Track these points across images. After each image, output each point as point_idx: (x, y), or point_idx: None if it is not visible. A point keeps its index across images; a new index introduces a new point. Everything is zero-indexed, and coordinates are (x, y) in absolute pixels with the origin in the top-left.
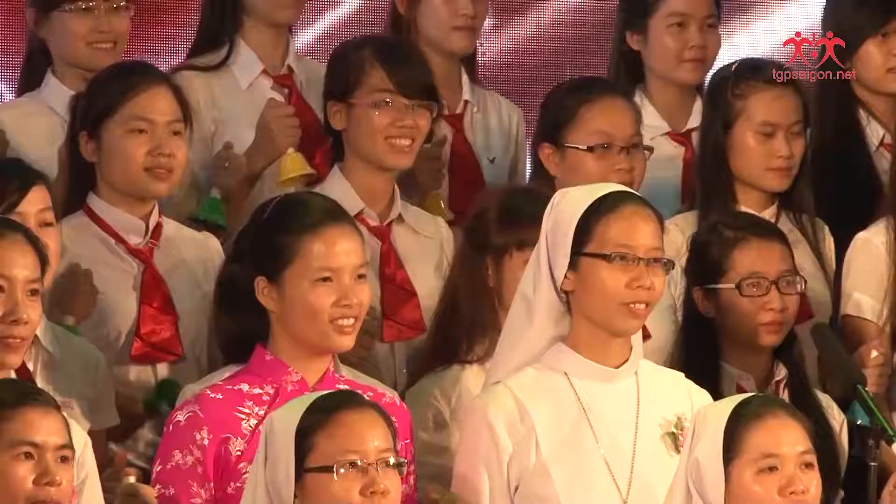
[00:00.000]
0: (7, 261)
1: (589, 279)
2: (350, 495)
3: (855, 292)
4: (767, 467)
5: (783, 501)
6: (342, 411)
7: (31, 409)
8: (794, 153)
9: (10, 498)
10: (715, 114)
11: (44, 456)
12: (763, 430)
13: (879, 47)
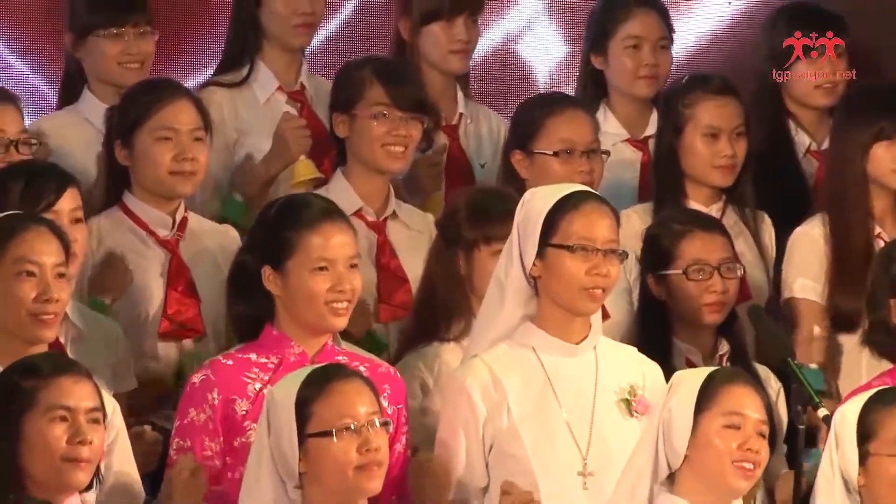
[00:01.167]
0: (37, 250)
1: (554, 267)
2: (348, 454)
3: (799, 278)
4: (732, 424)
5: (738, 455)
6: (334, 382)
7: (65, 377)
8: (736, 153)
9: (47, 456)
10: (667, 120)
11: (77, 418)
12: (733, 393)
13: (809, 65)
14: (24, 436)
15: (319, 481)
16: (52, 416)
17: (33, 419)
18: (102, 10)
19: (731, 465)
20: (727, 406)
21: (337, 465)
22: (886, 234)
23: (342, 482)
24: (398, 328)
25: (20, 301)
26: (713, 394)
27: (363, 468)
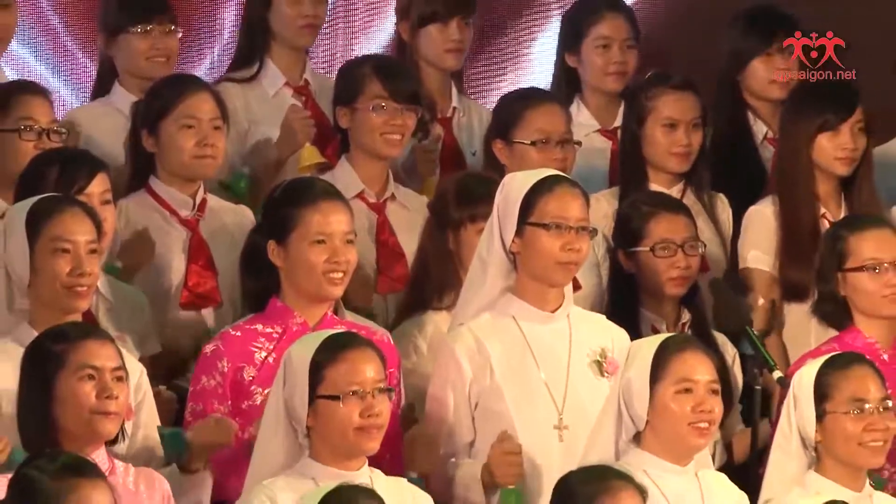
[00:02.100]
0: (71, 229)
1: (531, 243)
2: (352, 417)
3: (752, 250)
4: (684, 389)
5: (693, 417)
6: (346, 350)
7: (90, 340)
8: (692, 143)
9: (78, 410)
10: (632, 112)
11: (103, 376)
12: (683, 360)
13: (765, 64)
14: (57, 393)
15: (324, 437)
16: (81, 374)
17: (64, 378)
18: (132, 11)
19: (687, 426)
20: (678, 374)
21: (341, 425)
22: (830, 214)
23: (343, 440)
24: (396, 298)
25: (56, 275)
26: (665, 364)
27: (363, 430)
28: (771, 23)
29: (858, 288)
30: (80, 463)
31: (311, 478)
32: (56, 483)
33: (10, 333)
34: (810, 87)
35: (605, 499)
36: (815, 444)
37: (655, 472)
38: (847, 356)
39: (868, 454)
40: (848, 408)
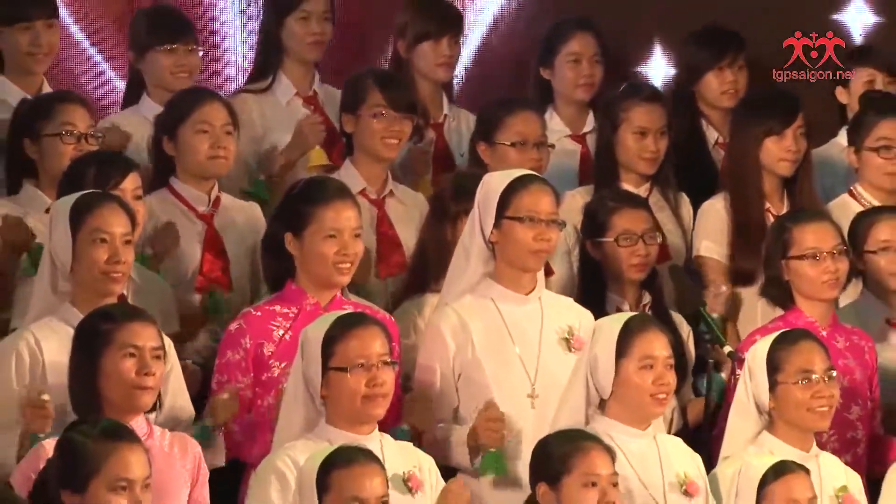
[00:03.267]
0: (109, 221)
1: (508, 234)
2: (359, 387)
3: (704, 240)
4: (646, 365)
5: (654, 389)
6: (355, 328)
7: (135, 322)
8: (659, 148)
9: (121, 384)
10: (606, 120)
11: (143, 355)
12: (645, 339)
13: (717, 77)
14: (102, 368)
15: (336, 404)
16: (124, 352)
17: (109, 355)
18: (159, 32)
19: (649, 397)
20: (641, 352)
21: (349, 394)
22: (774, 209)
23: (352, 408)
24: (394, 283)
25: (95, 262)
26: (628, 342)
27: (369, 398)
28: (722, 40)
29: (800, 274)
30: (118, 428)
31: (327, 440)
32: (97, 446)
33: (55, 313)
34: (757, 96)
35: (578, 457)
36: (768, 410)
37: (619, 436)
38: (795, 333)
39: (815, 418)
40: (797, 378)
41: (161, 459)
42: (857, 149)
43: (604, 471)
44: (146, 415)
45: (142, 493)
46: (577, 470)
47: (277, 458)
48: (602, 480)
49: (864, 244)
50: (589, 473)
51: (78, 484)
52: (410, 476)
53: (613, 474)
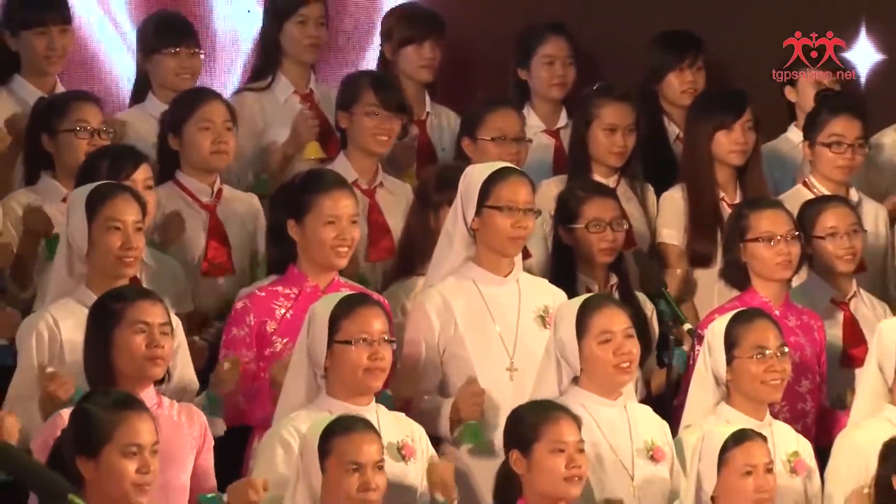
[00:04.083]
0: (122, 210)
1: (488, 222)
2: (361, 359)
3: (664, 228)
4: (605, 339)
5: (616, 360)
6: (359, 306)
7: (144, 301)
8: (627, 143)
9: (132, 357)
10: (581, 117)
11: (152, 330)
12: (600, 316)
13: (678, 77)
14: (115, 343)
15: (338, 376)
16: (134, 329)
17: (121, 331)
18: (164, 37)
19: (613, 368)
20: (598, 328)
21: (352, 365)
22: (728, 197)
23: (353, 378)
24: (382, 267)
25: (109, 248)
26: (586, 321)
27: (370, 371)
28: (683, 44)
29: (756, 256)
30: (128, 398)
31: (328, 411)
32: (108, 415)
33: (72, 294)
34: (709, 94)
35: (547, 426)
36: (725, 383)
37: (591, 406)
38: (751, 312)
39: (769, 391)
40: (752, 353)
41: (169, 427)
42: (811, 143)
43: (571, 438)
44: (156, 386)
45: (150, 458)
46: (546, 437)
47: (282, 428)
48: (569, 447)
49: (813, 230)
50: (557, 440)
51: (91, 450)
52: (404, 444)
53: (580, 441)
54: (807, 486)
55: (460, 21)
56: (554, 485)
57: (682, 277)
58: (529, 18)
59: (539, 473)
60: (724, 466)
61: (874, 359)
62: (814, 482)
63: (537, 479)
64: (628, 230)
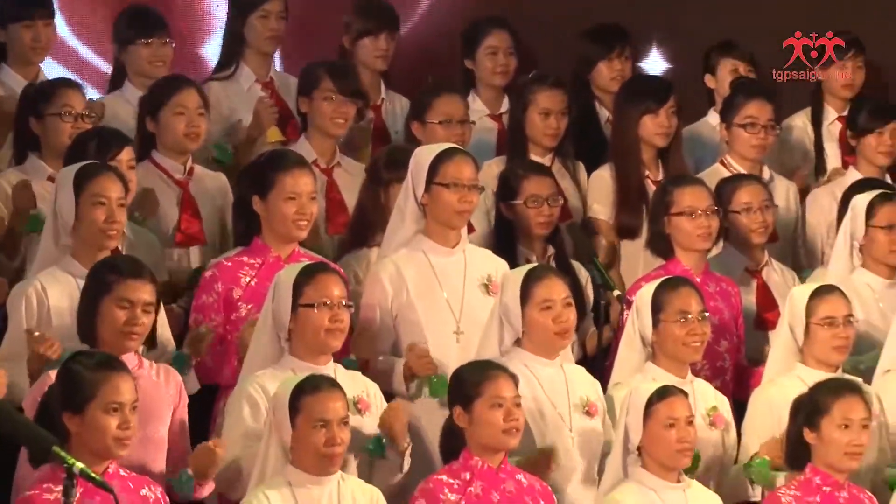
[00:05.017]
0: (106, 187)
1: (436, 197)
2: (322, 321)
3: (595, 203)
4: (546, 307)
5: (555, 326)
6: (321, 273)
7: (135, 280)
8: (560, 127)
9: (111, 329)
10: (518, 102)
11: (135, 308)
12: (542, 286)
13: (607, 66)
14: (100, 311)
15: (301, 337)
16: (119, 304)
17: (107, 303)
18: (138, 28)
19: (552, 333)
20: (540, 297)
21: (314, 327)
22: (652, 175)
23: (315, 339)
24: (339, 239)
25: (94, 222)
26: (529, 290)
27: (330, 332)
28: (611, 35)
29: (679, 228)
30: (111, 360)
31: (291, 370)
32: (93, 374)
33: (59, 263)
34: (636, 81)
35: (486, 383)
36: (651, 344)
37: (532, 365)
38: (675, 279)
39: (690, 351)
40: (675, 317)
41: (149, 386)
42: (728, 125)
43: (508, 394)
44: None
45: (130, 414)
46: (486, 394)
47: (248, 385)
48: (507, 402)
49: (729, 205)
50: (496, 396)
51: (77, 406)
52: (359, 399)
53: (516, 396)
54: (724, 437)
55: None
56: (494, 437)
57: (611, 248)
58: (475, 12)
59: (480, 427)
60: (649, 419)
61: (786, 322)
62: (731, 434)
63: (479, 432)
64: (563, 205)
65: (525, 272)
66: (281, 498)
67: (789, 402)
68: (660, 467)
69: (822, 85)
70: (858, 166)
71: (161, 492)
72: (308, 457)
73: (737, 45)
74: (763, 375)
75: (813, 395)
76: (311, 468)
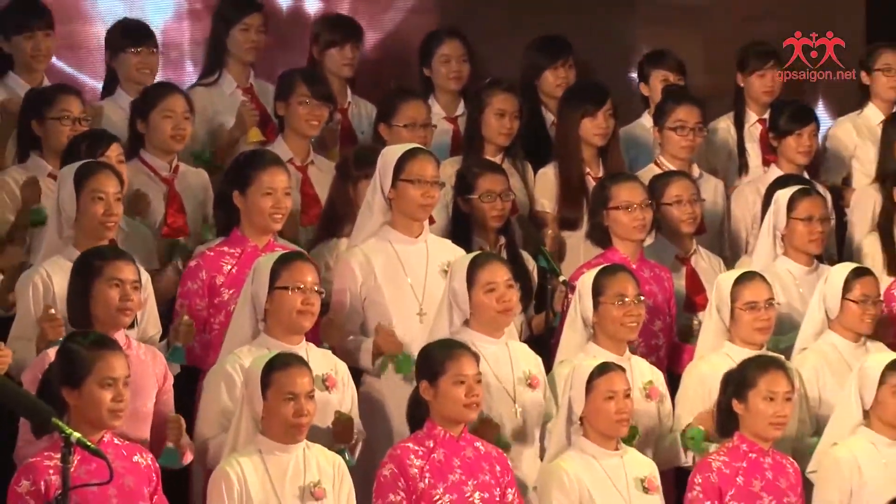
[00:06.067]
0: (104, 183)
1: (402, 193)
2: (295, 303)
3: (540, 198)
4: (490, 289)
5: (499, 306)
6: (296, 261)
7: (119, 260)
8: (513, 127)
9: (107, 307)
10: (475, 104)
11: (125, 286)
12: (486, 270)
13: (553, 74)
14: (93, 293)
15: (276, 317)
16: (110, 283)
17: (99, 284)
18: (128, 38)
19: (496, 312)
20: (483, 279)
21: (288, 308)
22: (592, 172)
23: (289, 319)
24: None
25: (94, 215)
26: (474, 274)
27: (302, 313)
28: (556, 47)
29: (617, 221)
30: (105, 339)
31: (267, 348)
32: (89, 352)
33: (62, 253)
34: (576, 87)
35: (451, 361)
36: (592, 325)
37: (479, 343)
38: (614, 266)
39: (627, 331)
40: (614, 300)
41: (137, 364)
42: (660, 128)
43: (470, 371)
44: (126, 331)
45: (123, 388)
46: (450, 371)
47: (227, 363)
48: (469, 379)
49: (661, 199)
50: (459, 374)
51: (75, 381)
52: (328, 377)
53: (478, 374)
54: (659, 408)
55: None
56: (456, 410)
57: (555, 238)
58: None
59: (443, 400)
60: (591, 392)
61: (713, 306)
62: (665, 405)
63: (442, 405)
64: (513, 200)
65: (470, 259)
66: (252, 464)
67: (719, 377)
68: (600, 436)
69: (743, 91)
70: (779, 164)
71: (151, 458)
72: (277, 426)
73: (667, 56)
74: (695, 353)
75: (741, 370)
76: (280, 437)
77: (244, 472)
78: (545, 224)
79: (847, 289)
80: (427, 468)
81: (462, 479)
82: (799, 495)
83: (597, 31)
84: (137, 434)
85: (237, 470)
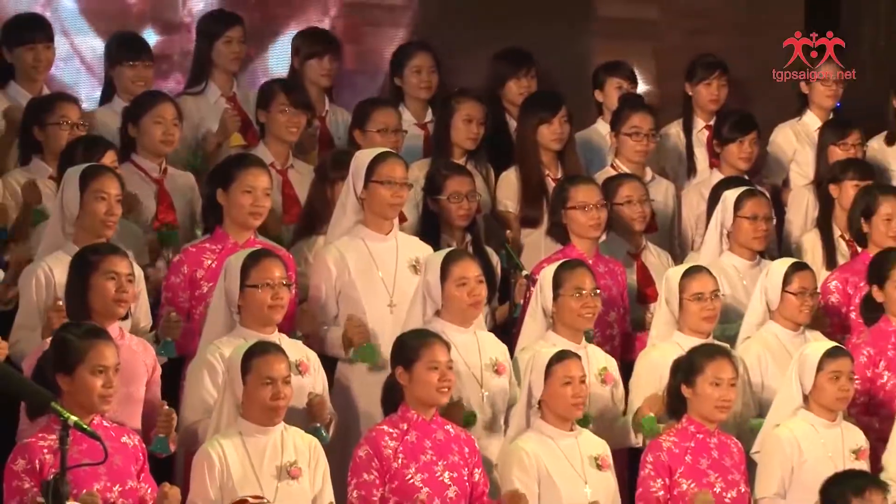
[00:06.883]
0: (107, 185)
1: (373, 193)
2: (265, 299)
3: (503, 199)
4: (461, 283)
5: (469, 300)
6: (264, 258)
7: (114, 255)
8: (479, 132)
9: (104, 299)
10: (444, 110)
11: (120, 279)
12: (458, 265)
13: (516, 83)
14: (91, 286)
15: (249, 312)
16: (106, 276)
17: (96, 277)
18: (125, 52)
19: (467, 305)
20: (456, 274)
21: (258, 303)
22: (552, 174)
23: (260, 314)
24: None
25: (96, 214)
26: (447, 269)
27: (272, 307)
28: (519, 57)
29: (574, 220)
30: (97, 329)
31: (242, 338)
32: (82, 341)
33: (63, 248)
34: (534, 95)
35: (425, 349)
36: (551, 316)
37: (450, 333)
38: (572, 261)
39: (584, 322)
40: (572, 293)
41: (129, 354)
42: (616, 133)
43: (443, 358)
44: (120, 322)
45: (113, 375)
46: (425, 357)
47: (207, 352)
48: (441, 366)
49: (614, 199)
50: (432, 360)
51: (68, 368)
52: (300, 363)
53: (450, 361)
54: (613, 393)
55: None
56: (429, 394)
57: (516, 236)
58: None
59: (417, 385)
60: (549, 378)
61: (663, 297)
62: (619, 390)
63: (416, 390)
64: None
65: (444, 255)
66: (232, 445)
67: (669, 364)
68: (557, 418)
69: (691, 99)
70: (721, 169)
71: (139, 440)
72: (256, 409)
73: (620, 66)
74: (647, 342)
75: (690, 357)
76: (259, 419)
77: (225, 452)
78: (507, 223)
79: (787, 282)
80: (400, 449)
81: (433, 460)
82: (742, 473)
83: (557, 43)
84: (130, 421)
85: (218, 450)
